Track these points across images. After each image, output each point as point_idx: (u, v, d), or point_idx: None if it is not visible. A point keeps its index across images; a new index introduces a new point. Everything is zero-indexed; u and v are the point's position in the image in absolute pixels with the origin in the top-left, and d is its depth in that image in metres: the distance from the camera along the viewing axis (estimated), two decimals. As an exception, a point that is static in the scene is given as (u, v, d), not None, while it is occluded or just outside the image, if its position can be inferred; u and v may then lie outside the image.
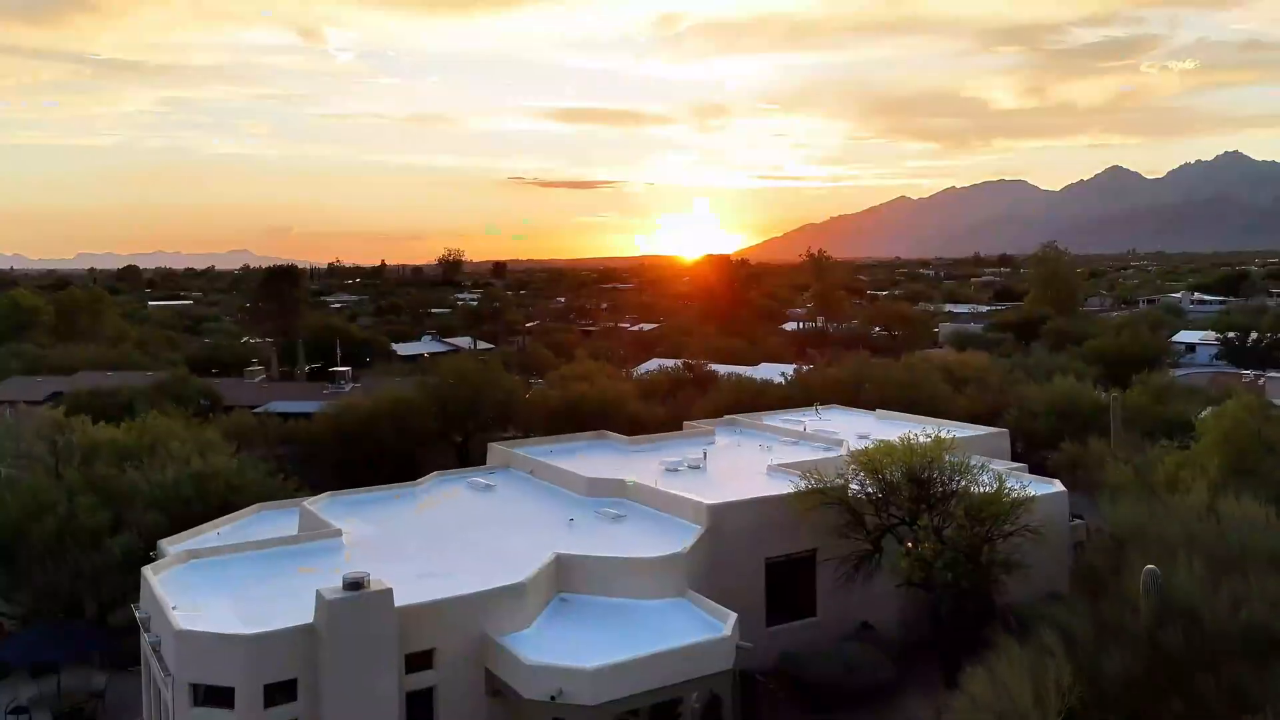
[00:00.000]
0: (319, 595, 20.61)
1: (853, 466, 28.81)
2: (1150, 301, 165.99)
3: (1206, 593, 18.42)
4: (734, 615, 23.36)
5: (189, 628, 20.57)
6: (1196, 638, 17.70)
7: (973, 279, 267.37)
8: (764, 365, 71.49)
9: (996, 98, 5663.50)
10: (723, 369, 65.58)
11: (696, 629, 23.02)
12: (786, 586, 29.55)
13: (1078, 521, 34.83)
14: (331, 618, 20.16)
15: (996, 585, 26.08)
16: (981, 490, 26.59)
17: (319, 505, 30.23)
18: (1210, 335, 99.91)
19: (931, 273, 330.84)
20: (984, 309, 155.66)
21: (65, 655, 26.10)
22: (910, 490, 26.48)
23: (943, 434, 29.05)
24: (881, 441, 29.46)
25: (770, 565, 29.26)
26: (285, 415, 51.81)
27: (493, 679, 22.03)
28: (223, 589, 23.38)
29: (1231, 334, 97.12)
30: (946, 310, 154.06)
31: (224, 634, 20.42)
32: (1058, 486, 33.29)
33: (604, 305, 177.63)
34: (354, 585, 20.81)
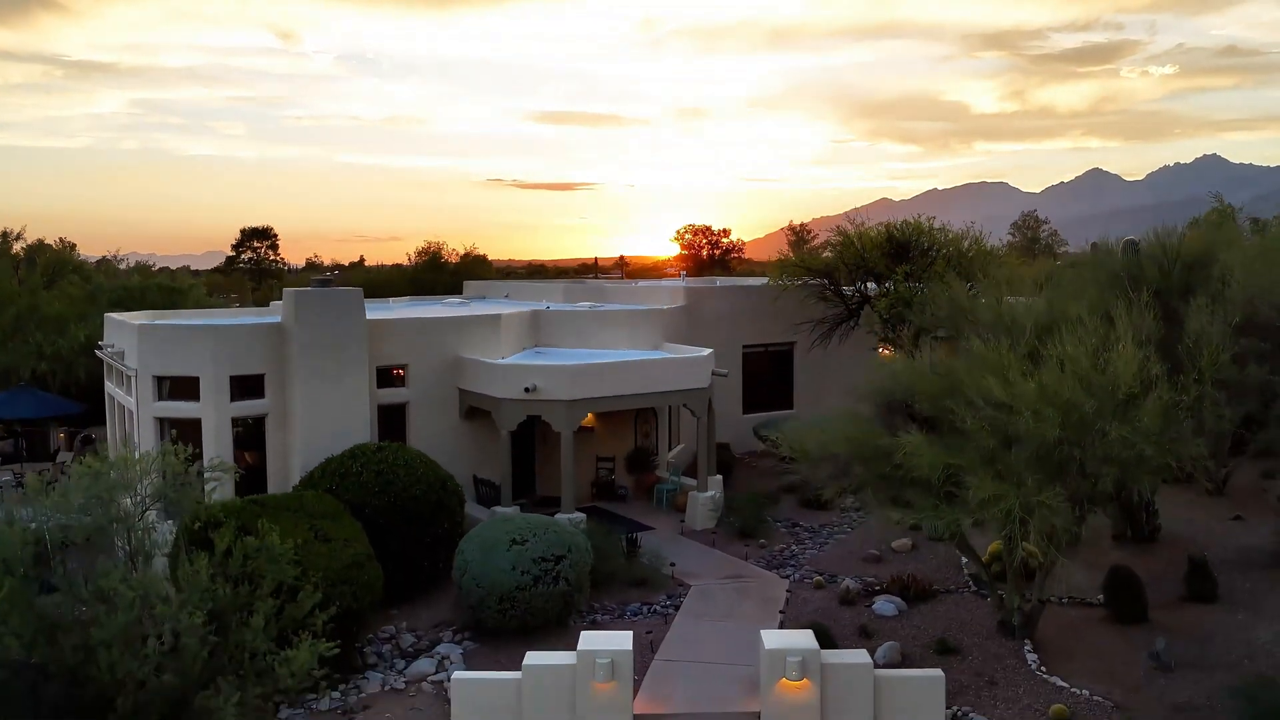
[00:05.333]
0: (285, 291, 20.18)
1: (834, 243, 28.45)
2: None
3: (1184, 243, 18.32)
4: (711, 349, 23.11)
5: (151, 322, 20.14)
6: (1172, 268, 17.59)
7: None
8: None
9: (977, 101, 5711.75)
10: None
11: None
12: (764, 376, 29.30)
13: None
14: (300, 309, 19.69)
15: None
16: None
17: (290, 304, 29.80)
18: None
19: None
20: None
21: (31, 412, 25.53)
22: (888, 248, 26.06)
23: None
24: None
25: (748, 354, 29.00)
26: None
27: (467, 397, 21.62)
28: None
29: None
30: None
31: (188, 324, 19.99)
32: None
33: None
34: (322, 283, 20.45)
